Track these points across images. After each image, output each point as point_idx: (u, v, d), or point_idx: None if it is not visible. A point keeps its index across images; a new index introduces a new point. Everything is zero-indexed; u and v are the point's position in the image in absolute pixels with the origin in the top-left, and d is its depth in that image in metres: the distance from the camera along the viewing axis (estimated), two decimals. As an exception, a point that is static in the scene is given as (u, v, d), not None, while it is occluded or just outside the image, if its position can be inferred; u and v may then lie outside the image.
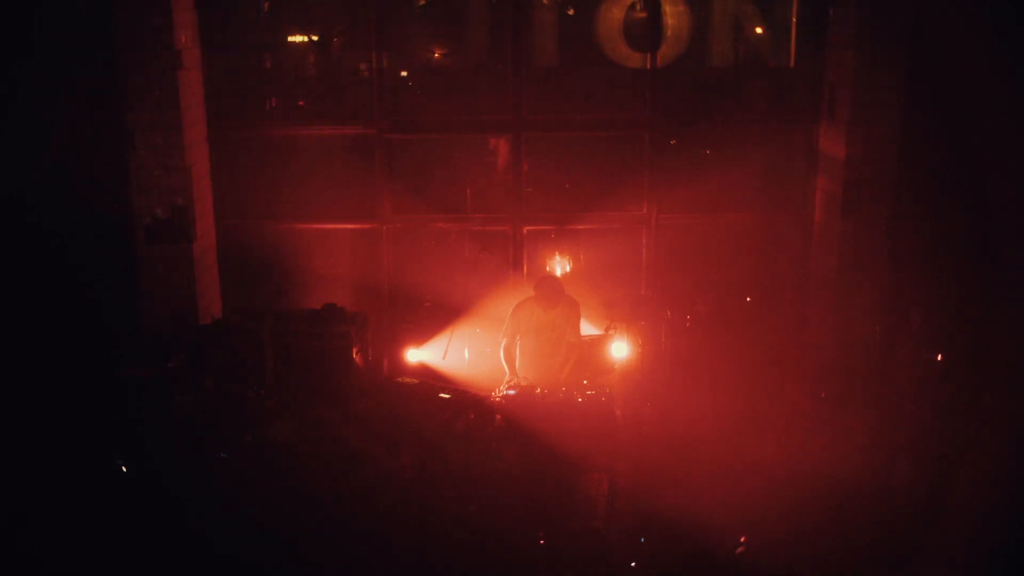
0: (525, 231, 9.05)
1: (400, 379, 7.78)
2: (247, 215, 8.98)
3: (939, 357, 7.56)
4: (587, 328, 8.19)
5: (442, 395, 7.39)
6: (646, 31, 8.77)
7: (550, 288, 7.63)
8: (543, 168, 9.01)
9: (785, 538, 6.47)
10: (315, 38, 9.04)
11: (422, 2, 9.05)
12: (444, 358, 8.13)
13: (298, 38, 9.10)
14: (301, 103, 9.12)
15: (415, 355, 8.26)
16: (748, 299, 8.92)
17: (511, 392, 7.33)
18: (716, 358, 8.31)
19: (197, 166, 8.41)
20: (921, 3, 7.97)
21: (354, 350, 8.13)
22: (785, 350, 8.91)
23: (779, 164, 9.07)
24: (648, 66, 8.80)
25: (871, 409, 7.81)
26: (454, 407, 7.27)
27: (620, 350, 7.61)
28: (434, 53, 9.06)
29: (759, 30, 9.06)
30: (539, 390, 7.32)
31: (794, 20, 8.92)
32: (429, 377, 7.98)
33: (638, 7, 8.82)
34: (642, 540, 6.47)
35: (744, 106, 9.03)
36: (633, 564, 6.30)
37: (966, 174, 7.98)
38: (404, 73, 9.03)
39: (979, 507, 6.39)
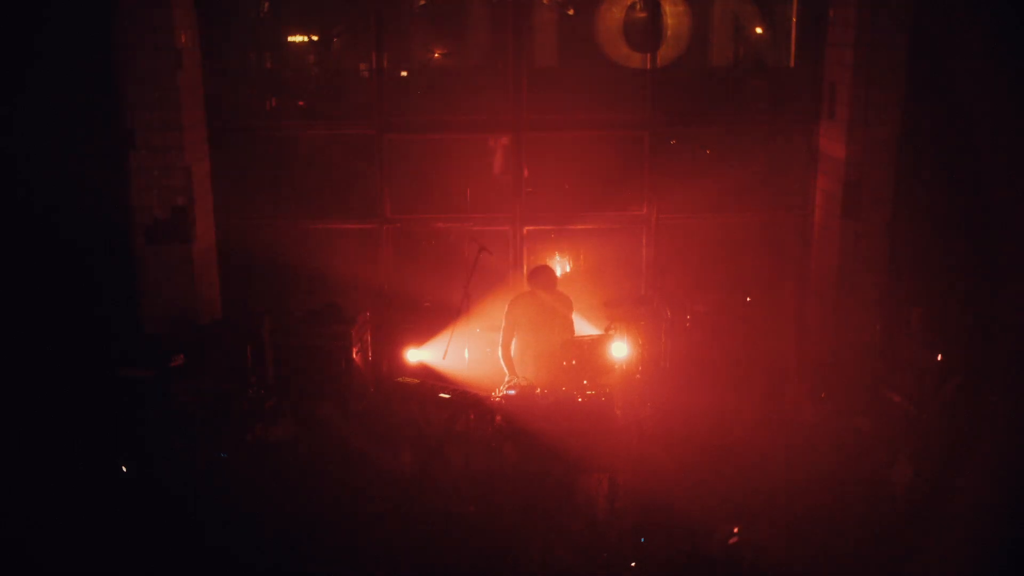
0: (525, 231, 9.05)
1: (400, 379, 7.77)
2: (247, 215, 8.97)
3: (939, 357, 7.55)
4: (587, 328, 8.18)
5: (442, 395, 7.39)
6: (646, 31, 8.77)
7: (544, 277, 7.59)
8: (543, 168, 9.01)
9: (785, 538, 6.47)
10: (315, 38, 9.04)
11: (422, 2, 9.05)
12: (444, 358, 8.12)
13: (298, 38, 9.10)
14: (301, 103, 9.12)
15: (415, 355, 8.26)
16: (748, 299, 8.92)
17: (511, 392, 7.32)
18: (716, 358, 8.30)
19: (197, 166, 8.41)
20: (921, 3, 7.97)
21: (354, 350, 8.13)
22: (785, 350, 8.91)
23: (779, 164, 9.07)
24: (648, 66, 8.80)
25: (871, 409, 7.80)
26: (454, 407, 7.27)
27: (620, 350, 7.61)
28: (434, 53, 9.06)
29: (759, 30, 9.06)
30: (539, 390, 7.31)
31: (794, 20, 8.92)
32: (429, 377, 7.97)
33: (638, 7, 8.82)
34: (642, 540, 6.46)
35: (744, 106, 9.03)
36: (633, 564, 6.30)
37: (966, 174, 7.98)
38: (404, 73, 9.03)
39: (979, 507, 6.39)
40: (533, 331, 7.63)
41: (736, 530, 6.35)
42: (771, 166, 9.07)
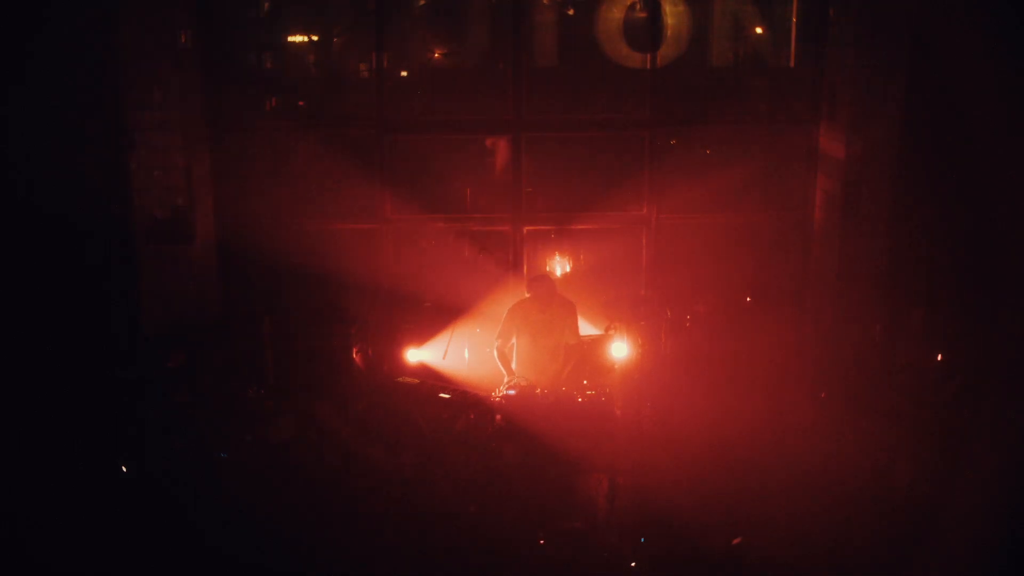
0: (525, 231, 9.06)
1: (400, 379, 7.78)
2: (247, 215, 8.96)
3: (939, 357, 7.55)
4: (587, 328, 8.19)
5: (442, 395, 7.39)
6: (646, 31, 8.77)
7: (544, 286, 7.63)
8: (543, 168, 9.01)
9: (785, 538, 6.47)
10: (315, 38, 9.04)
11: (422, 2, 9.05)
12: (444, 358, 8.13)
13: (298, 38, 9.10)
14: (301, 103, 9.13)
15: (415, 355, 8.26)
16: (748, 299, 8.92)
17: (511, 392, 7.33)
18: (716, 358, 8.30)
19: (197, 166, 8.41)
20: (921, 3, 7.96)
21: (354, 350, 8.13)
22: (785, 350, 8.91)
23: (779, 164, 9.07)
24: (648, 66, 8.80)
25: (871, 409, 7.80)
26: (454, 407, 7.27)
27: (620, 350, 7.61)
28: (434, 53, 9.06)
29: (759, 30, 9.06)
30: (539, 390, 7.32)
31: (794, 20, 8.93)
32: (429, 377, 7.98)
33: (638, 7, 8.83)
34: (642, 540, 6.47)
35: (744, 106, 9.03)
36: (633, 564, 6.30)
37: (966, 174, 7.98)
38: (404, 73, 9.03)
39: (979, 507, 6.39)
40: (532, 337, 7.65)
41: (738, 541, 6.34)
42: (771, 166, 9.06)
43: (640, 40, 8.81)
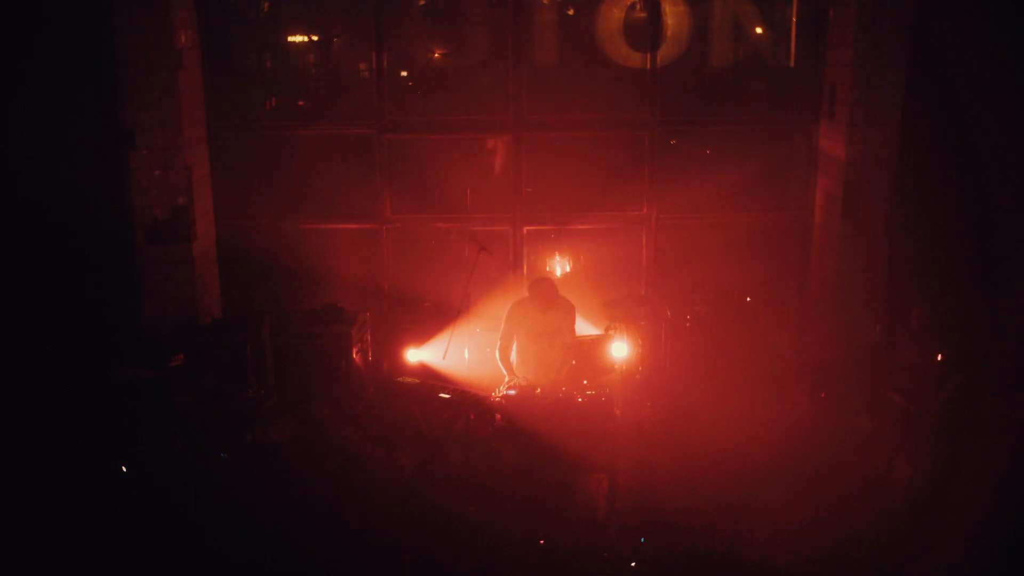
0: (525, 231, 9.06)
1: (400, 379, 7.77)
2: (247, 215, 8.98)
3: (939, 357, 7.55)
4: (587, 328, 8.18)
5: (442, 395, 7.39)
6: (646, 31, 8.77)
7: (544, 289, 7.63)
8: (543, 168, 9.01)
9: (785, 538, 6.47)
10: (315, 38, 9.05)
11: (422, 2, 9.05)
12: (444, 358, 8.12)
13: (298, 38, 9.10)
14: (301, 103, 9.13)
15: (415, 355, 8.26)
16: (748, 299, 8.92)
17: (511, 392, 7.33)
18: (716, 358, 8.30)
19: (197, 166, 8.42)
20: (921, 3, 7.97)
21: (354, 350, 8.14)
22: (785, 350, 8.90)
23: (779, 164, 9.07)
24: (648, 66, 8.80)
25: (871, 409, 7.80)
26: (454, 407, 7.27)
27: (620, 350, 7.61)
28: (434, 53, 9.06)
29: (759, 30, 9.07)
30: (539, 390, 7.31)
31: (794, 20, 8.92)
32: (429, 377, 7.97)
33: (638, 7, 8.83)
34: (642, 540, 6.47)
35: (744, 106, 9.03)
36: (633, 564, 6.30)
37: (966, 174, 7.98)
38: (404, 73, 9.03)
39: (979, 507, 6.39)
40: (532, 337, 7.64)
41: (737, 541, 6.35)
42: (771, 166, 9.07)
43: (640, 40, 8.81)
